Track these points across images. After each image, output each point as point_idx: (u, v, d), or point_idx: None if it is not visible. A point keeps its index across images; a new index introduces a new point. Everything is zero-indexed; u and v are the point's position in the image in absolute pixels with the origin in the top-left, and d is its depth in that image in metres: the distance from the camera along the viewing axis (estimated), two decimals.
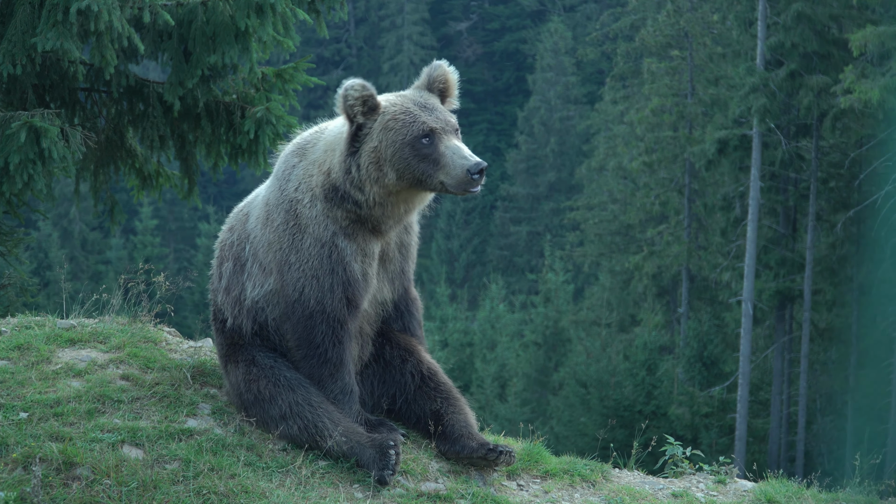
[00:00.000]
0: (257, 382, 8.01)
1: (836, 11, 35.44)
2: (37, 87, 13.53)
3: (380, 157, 7.62)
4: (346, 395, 7.94)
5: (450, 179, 7.49)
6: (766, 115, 35.77)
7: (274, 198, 8.05)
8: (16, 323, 9.54)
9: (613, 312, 46.63)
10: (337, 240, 7.83)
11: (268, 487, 7.42)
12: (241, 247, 8.30)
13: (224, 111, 14.16)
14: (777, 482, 8.70)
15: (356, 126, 7.67)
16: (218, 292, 8.45)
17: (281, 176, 8.07)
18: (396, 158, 7.58)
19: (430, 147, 7.55)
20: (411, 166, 7.56)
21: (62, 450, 7.37)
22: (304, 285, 7.84)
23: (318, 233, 7.84)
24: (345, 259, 7.82)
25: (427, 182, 7.57)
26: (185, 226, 66.00)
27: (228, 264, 8.35)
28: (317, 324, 7.85)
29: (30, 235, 14.90)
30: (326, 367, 7.92)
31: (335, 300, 7.83)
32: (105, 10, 12.10)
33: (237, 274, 8.27)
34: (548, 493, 8.03)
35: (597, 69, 72.41)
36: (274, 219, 8.00)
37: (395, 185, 7.66)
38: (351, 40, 78.86)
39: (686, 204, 46.22)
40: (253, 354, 8.15)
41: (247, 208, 8.45)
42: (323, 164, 7.88)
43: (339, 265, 7.81)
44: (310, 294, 7.84)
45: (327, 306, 7.83)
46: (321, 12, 14.15)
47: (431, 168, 7.53)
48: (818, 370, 39.09)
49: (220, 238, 8.61)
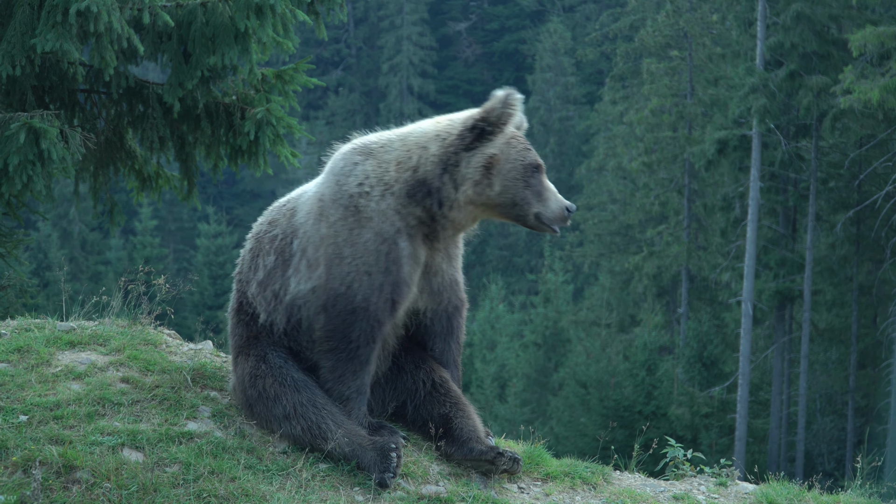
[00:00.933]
0: (264, 379, 8.03)
1: (835, 12, 35.45)
2: (36, 88, 13.51)
3: (493, 165, 7.94)
4: (360, 394, 7.98)
5: (548, 212, 7.97)
6: (766, 116, 35.78)
7: (330, 193, 8.07)
8: (15, 325, 9.52)
9: (613, 313, 46.65)
10: (399, 238, 7.92)
11: (268, 490, 7.40)
12: (286, 241, 8.29)
13: (224, 112, 14.15)
14: (778, 484, 8.68)
15: (481, 130, 7.95)
16: (249, 284, 8.42)
17: (339, 172, 8.10)
18: (509, 175, 7.95)
19: (536, 179, 7.99)
20: (517, 187, 7.95)
21: (62, 453, 7.35)
22: (354, 280, 7.88)
23: (382, 227, 7.91)
24: (400, 259, 7.91)
25: (521, 207, 7.98)
26: (185, 226, 66.03)
27: (269, 258, 8.33)
28: (357, 320, 7.89)
29: (29, 236, 14.89)
30: (352, 364, 7.95)
31: (381, 299, 7.89)
32: (104, 11, 12.08)
33: (280, 269, 8.27)
34: (549, 495, 8.02)
35: (596, 69, 72.45)
36: (330, 214, 8.02)
37: (491, 197, 7.95)
38: (350, 41, 78.88)
39: (686, 204, 46.23)
40: (265, 351, 8.16)
41: (291, 203, 8.45)
42: (406, 161, 8.02)
43: (395, 265, 7.90)
44: (357, 289, 7.88)
45: (371, 304, 7.88)
46: (320, 13, 14.13)
47: (533, 198, 7.97)
48: (818, 370, 39.11)
49: (255, 230, 8.59)
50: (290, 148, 14.22)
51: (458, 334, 8.56)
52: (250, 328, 8.34)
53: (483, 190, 7.93)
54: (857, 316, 37.35)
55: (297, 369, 8.09)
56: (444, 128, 8.09)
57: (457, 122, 8.09)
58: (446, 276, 8.34)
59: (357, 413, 7.95)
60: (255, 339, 8.27)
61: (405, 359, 8.42)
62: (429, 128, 8.15)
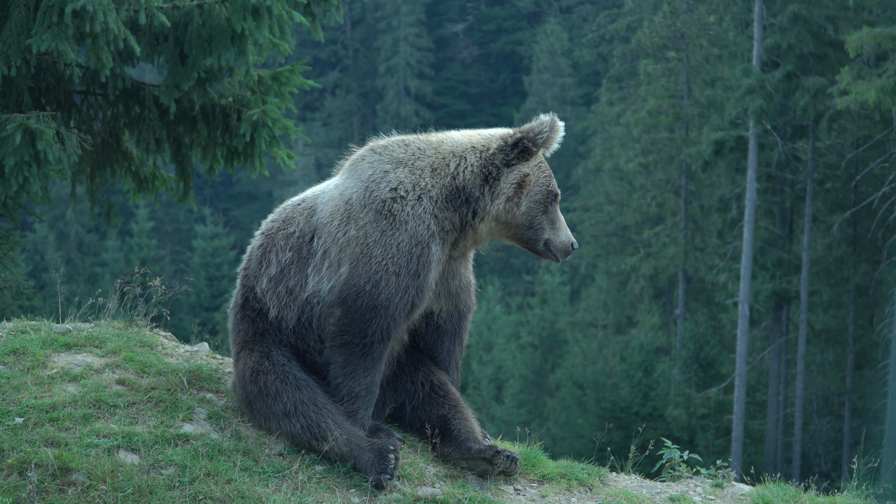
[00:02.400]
0: (265, 376, 8.05)
1: (832, 13, 35.48)
2: (32, 89, 13.50)
3: (525, 185, 8.21)
4: (370, 393, 8.03)
5: (557, 241, 8.31)
6: (763, 117, 35.81)
7: (359, 198, 8.14)
8: (11, 327, 9.51)
9: (610, 314, 46.65)
10: (432, 242, 8.07)
11: (264, 492, 7.40)
12: (303, 239, 8.33)
13: (220, 114, 14.15)
14: (774, 486, 8.68)
15: (524, 148, 8.21)
16: (259, 279, 8.42)
17: (367, 179, 8.18)
18: (535, 197, 8.26)
19: (553, 207, 8.32)
20: (537, 211, 8.27)
21: (58, 455, 7.34)
22: (381, 279, 7.96)
23: (418, 230, 8.05)
24: (430, 264, 8.07)
25: (536, 231, 8.28)
26: (182, 228, 65.97)
27: (284, 255, 8.35)
28: (376, 317, 7.95)
29: (26, 238, 14.87)
30: (364, 361, 7.99)
31: (403, 301, 7.99)
32: (101, 12, 12.08)
33: (297, 265, 8.30)
34: (545, 497, 8.02)
35: (593, 71, 72.45)
36: (359, 217, 8.10)
37: (515, 216, 8.23)
38: (347, 42, 78.85)
39: (682, 205, 46.25)
40: (269, 348, 8.19)
41: (308, 203, 8.49)
42: (443, 169, 8.19)
43: (424, 268, 8.04)
44: (383, 289, 7.96)
45: (393, 304, 7.96)
46: (317, 15, 14.13)
47: (547, 224, 8.30)
48: (815, 371, 39.12)
49: (267, 227, 8.60)
50: (286, 149, 14.23)
51: (463, 336, 8.69)
52: (256, 324, 8.34)
53: (511, 207, 8.19)
54: (853, 317, 37.37)
55: (299, 368, 8.12)
56: (479, 141, 8.30)
57: (496, 137, 8.32)
58: (463, 280, 8.51)
59: (364, 413, 7.98)
60: (261, 336, 8.28)
61: (405, 360, 8.47)
62: (461, 138, 8.35)
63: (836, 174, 37.45)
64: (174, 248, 64.76)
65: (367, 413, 8.01)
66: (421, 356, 8.51)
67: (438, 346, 8.55)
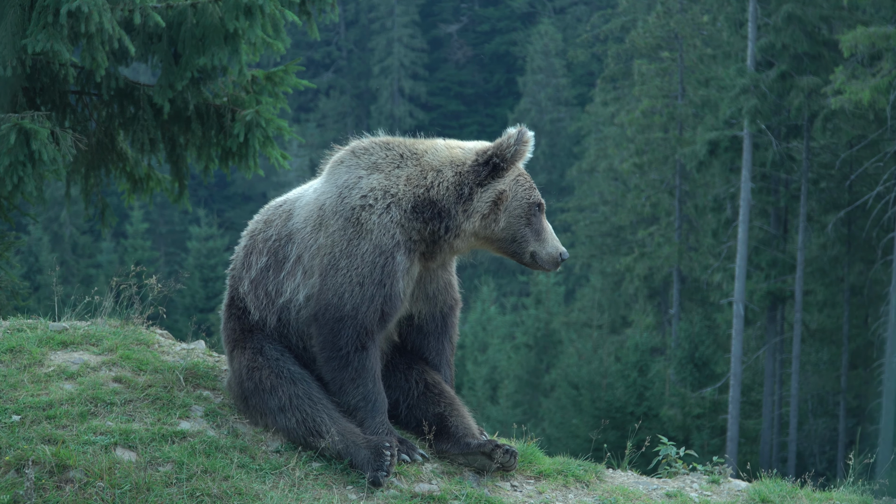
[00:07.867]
0: (260, 371, 8.07)
1: (826, 12, 35.50)
2: (27, 89, 13.50)
3: (501, 202, 8.11)
4: (368, 402, 7.97)
5: (543, 253, 8.20)
6: (757, 117, 35.83)
7: (331, 204, 8.11)
8: (7, 326, 9.51)
9: (605, 314, 46.66)
10: (396, 252, 7.98)
11: (261, 489, 7.40)
12: (279, 244, 8.34)
13: (214, 114, 14.15)
14: (771, 482, 8.70)
15: (494, 165, 8.10)
16: (241, 281, 8.48)
17: (342, 185, 8.14)
18: (514, 212, 8.16)
19: (537, 218, 8.22)
20: (520, 224, 8.16)
21: (55, 452, 7.35)
22: (346, 291, 7.92)
23: (381, 240, 7.96)
24: (395, 273, 7.96)
25: (520, 244, 8.19)
26: (176, 229, 65.91)
27: (261, 258, 8.38)
28: (344, 327, 7.91)
29: (20, 239, 14.85)
30: (346, 373, 7.95)
31: (370, 310, 7.92)
32: (95, 12, 12.07)
33: (273, 271, 8.32)
34: (542, 493, 8.02)
35: (587, 71, 72.48)
36: (329, 224, 8.06)
37: (495, 232, 8.15)
38: (341, 43, 78.85)
39: (677, 205, 46.26)
40: (262, 344, 8.22)
41: (288, 206, 8.50)
42: (419, 179, 8.10)
43: (389, 278, 7.94)
44: (348, 300, 7.91)
45: (360, 314, 7.91)
46: (311, 14, 14.13)
47: (532, 236, 8.20)
48: (810, 371, 39.15)
49: (251, 228, 8.65)
50: (280, 150, 14.23)
51: (452, 333, 8.63)
52: (243, 322, 8.40)
53: (489, 224, 8.11)
54: (848, 316, 37.40)
55: (293, 362, 8.15)
56: (459, 155, 8.21)
57: (470, 153, 8.21)
58: (441, 281, 8.45)
59: (371, 423, 7.92)
60: (250, 333, 8.33)
61: (398, 359, 8.47)
62: (443, 150, 8.25)
63: (830, 174, 37.48)
64: (168, 250, 64.69)
65: (373, 422, 7.93)
66: (414, 355, 8.53)
67: (425, 346, 8.54)
